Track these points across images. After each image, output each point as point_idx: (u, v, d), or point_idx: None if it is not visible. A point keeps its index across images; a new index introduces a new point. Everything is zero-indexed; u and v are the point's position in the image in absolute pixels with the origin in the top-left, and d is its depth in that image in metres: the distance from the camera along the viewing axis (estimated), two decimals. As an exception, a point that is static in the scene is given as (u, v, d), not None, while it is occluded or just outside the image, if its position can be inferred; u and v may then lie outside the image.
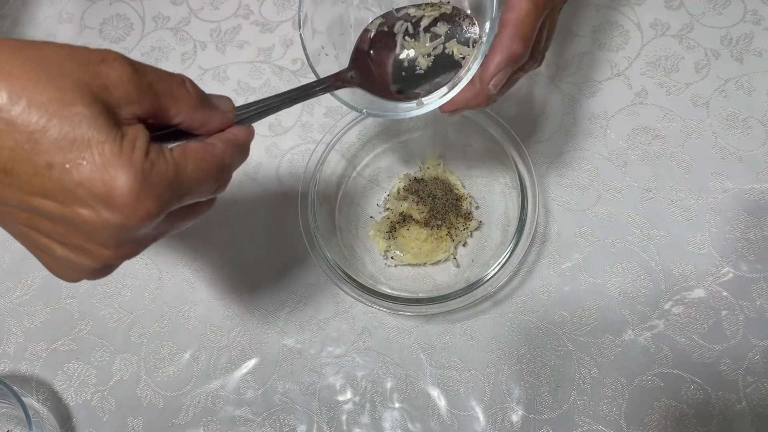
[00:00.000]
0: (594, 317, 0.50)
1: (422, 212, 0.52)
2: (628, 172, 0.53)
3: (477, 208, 0.54)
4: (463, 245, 0.53)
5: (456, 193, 0.53)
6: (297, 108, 0.58)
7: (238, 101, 0.34)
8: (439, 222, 0.52)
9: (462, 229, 0.52)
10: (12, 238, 0.29)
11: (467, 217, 0.53)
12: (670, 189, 0.53)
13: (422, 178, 0.54)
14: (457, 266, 0.52)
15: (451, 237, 0.52)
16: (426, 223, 0.52)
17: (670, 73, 0.56)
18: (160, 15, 0.62)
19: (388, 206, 0.54)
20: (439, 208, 0.52)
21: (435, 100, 0.38)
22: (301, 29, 0.39)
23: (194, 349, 0.52)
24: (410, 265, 0.53)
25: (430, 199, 0.53)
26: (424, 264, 0.53)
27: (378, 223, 0.54)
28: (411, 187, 0.54)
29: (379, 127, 0.56)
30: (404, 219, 0.53)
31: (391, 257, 0.53)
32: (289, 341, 0.52)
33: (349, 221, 0.55)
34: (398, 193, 0.54)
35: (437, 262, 0.52)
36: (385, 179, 0.56)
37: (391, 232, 0.53)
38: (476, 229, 0.53)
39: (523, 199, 0.49)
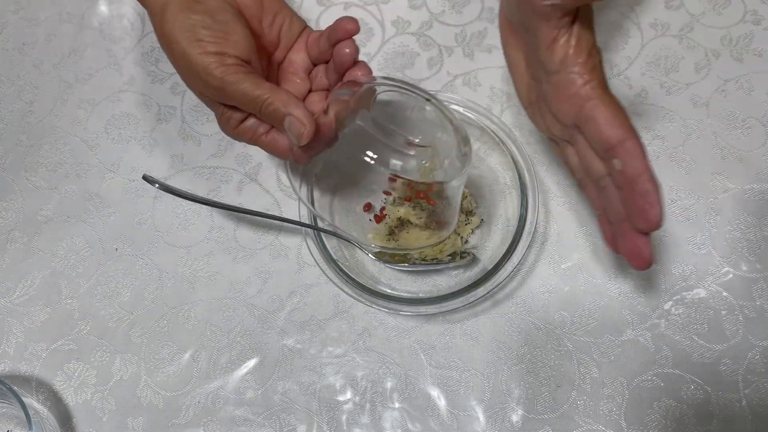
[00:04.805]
0: (594, 317, 0.50)
1: (420, 218, 0.52)
2: (628, 172, 0.53)
3: (477, 207, 0.54)
4: (465, 244, 0.53)
5: (456, 191, 0.53)
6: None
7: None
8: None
9: (465, 224, 0.52)
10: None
11: (469, 213, 0.53)
12: (670, 189, 0.52)
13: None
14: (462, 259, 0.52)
15: (455, 231, 0.52)
16: (426, 226, 0.51)
17: (670, 73, 0.56)
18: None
19: (385, 212, 0.54)
20: (438, 211, 0.52)
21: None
22: None
23: (194, 349, 0.52)
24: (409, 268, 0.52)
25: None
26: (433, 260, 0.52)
27: (376, 227, 0.53)
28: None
29: (379, 127, 0.56)
30: (402, 224, 0.52)
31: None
32: (289, 341, 0.52)
33: (350, 222, 0.55)
34: (394, 201, 0.54)
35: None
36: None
37: (390, 235, 0.52)
38: (478, 226, 0.53)
39: (523, 199, 0.49)
